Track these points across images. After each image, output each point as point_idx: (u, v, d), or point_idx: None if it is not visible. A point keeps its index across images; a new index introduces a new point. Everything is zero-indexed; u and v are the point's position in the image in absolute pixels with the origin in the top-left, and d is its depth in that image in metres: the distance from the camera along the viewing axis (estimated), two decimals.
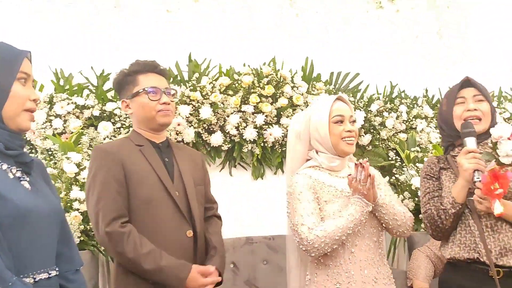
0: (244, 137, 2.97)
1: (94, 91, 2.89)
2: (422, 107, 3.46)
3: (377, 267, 1.70)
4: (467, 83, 1.77)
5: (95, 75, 2.93)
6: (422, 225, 2.67)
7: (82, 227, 2.32)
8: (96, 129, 2.79)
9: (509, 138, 1.52)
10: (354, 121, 1.83)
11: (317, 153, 1.82)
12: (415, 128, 3.38)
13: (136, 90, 1.73)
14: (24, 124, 1.23)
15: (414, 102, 3.48)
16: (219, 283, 1.73)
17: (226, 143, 2.97)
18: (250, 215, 3.08)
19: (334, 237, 1.61)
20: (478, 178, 1.57)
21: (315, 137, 1.80)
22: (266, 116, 3.00)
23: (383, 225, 1.74)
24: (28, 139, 2.65)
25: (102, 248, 2.39)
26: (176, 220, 1.67)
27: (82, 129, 2.73)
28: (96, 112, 2.79)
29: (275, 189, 3.12)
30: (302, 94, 3.08)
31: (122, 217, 1.59)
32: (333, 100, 1.81)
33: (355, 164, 1.67)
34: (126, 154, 1.67)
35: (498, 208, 1.50)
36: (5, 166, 1.19)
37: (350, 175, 1.68)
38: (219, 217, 1.92)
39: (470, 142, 1.63)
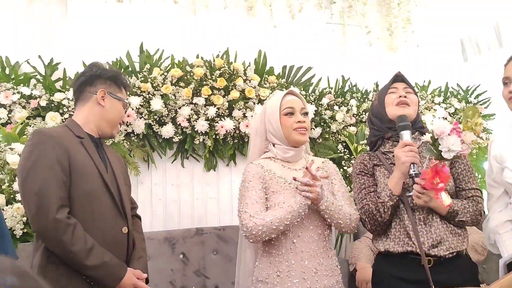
0: (196, 129, 2.99)
1: (41, 80, 2.83)
2: (372, 100, 3.56)
3: (320, 259, 1.75)
4: (399, 78, 1.86)
5: (43, 65, 2.87)
6: None
7: (25, 219, 2.29)
8: (43, 119, 2.74)
9: (449, 134, 1.58)
10: (306, 113, 1.89)
11: (273, 145, 1.89)
12: (365, 121, 3.48)
13: (121, 96, 1.81)
14: None
15: (365, 96, 3.58)
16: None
17: (178, 135, 2.98)
18: (201, 206, 3.12)
19: (271, 227, 1.67)
20: (414, 170, 1.63)
21: (270, 130, 1.88)
22: (218, 108, 3.03)
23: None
24: None
25: None
26: (114, 216, 1.68)
27: (28, 119, 2.68)
28: (44, 102, 2.74)
29: (227, 181, 3.17)
30: (255, 87, 3.11)
31: (66, 206, 1.55)
32: (283, 94, 1.89)
33: (306, 167, 1.71)
34: (69, 142, 1.63)
35: (446, 199, 1.57)
36: None
37: (307, 168, 1.72)
38: (138, 217, 1.96)
39: (406, 135, 1.70)
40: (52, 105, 2.77)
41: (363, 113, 3.49)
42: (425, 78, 3.82)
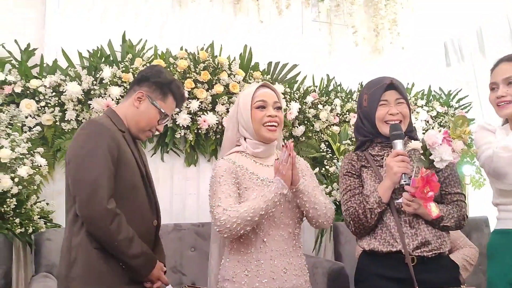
0: (177, 123, 2.92)
1: (17, 66, 2.71)
2: (356, 101, 3.55)
3: (289, 258, 1.71)
4: (391, 86, 1.79)
5: (19, 49, 2.75)
6: None
7: None
8: (17, 106, 2.63)
9: (441, 144, 1.59)
10: (280, 107, 1.82)
11: (244, 139, 1.81)
12: (348, 121, 3.47)
13: (160, 105, 1.77)
14: None
15: (349, 96, 3.57)
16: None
17: None
18: (180, 202, 3.05)
19: (246, 218, 1.59)
20: (405, 181, 1.63)
21: (241, 123, 1.80)
22: (201, 102, 2.96)
23: (304, 213, 1.75)
24: None
25: (18, 231, 2.27)
26: (148, 209, 1.75)
27: (1, 105, 2.57)
28: (18, 89, 2.63)
29: (208, 177, 3.07)
30: (239, 82, 3.06)
31: (113, 197, 1.61)
32: (257, 86, 1.81)
33: (282, 145, 1.68)
34: (117, 136, 1.69)
35: (434, 211, 1.59)
36: None
37: (277, 159, 1.68)
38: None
39: (399, 145, 1.68)
40: (28, 92, 2.66)
41: (347, 112, 3.47)
42: (409, 80, 3.84)
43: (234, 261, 1.71)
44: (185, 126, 2.94)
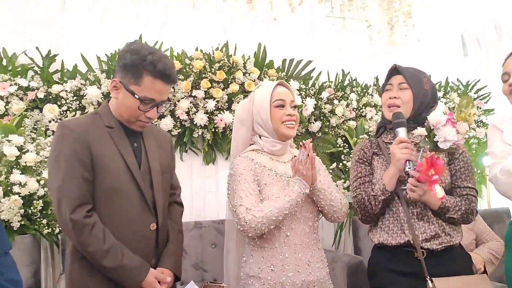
0: (195, 122, 2.97)
1: (39, 72, 2.80)
2: (372, 95, 3.55)
3: (311, 251, 1.75)
4: (395, 71, 1.80)
5: (40, 56, 2.84)
6: None
7: (22, 211, 2.27)
8: (41, 111, 2.72)
9: (444, 124, 1.56)
10: (295, 106, 1.86)
11: (260, 137, 1.84)
12: (365, 116, 3.47)
13: (133, 89, 1.52)
14: None
15: (365, 90, 3.56)
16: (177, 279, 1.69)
17: (177, 128, 2.96)
18: (200, 200, 3.11)
19: (271, 217, 1.63)
20: (410, 168, 1.62)
21: (258, 122, 1.82)
22: (217, 101, 3.01)
23: (320, 209, 1.79)
24: None
25: (45, 232, 2.36)
26: (141, 212, 1.57)
27: (25, 111, 2.66)
28: (41, 94, 2.72)
29: (226, 174, 3.14)
30: (254, 81, 3.09)
31: (86, 204, 1.48)
32: (274, 85, 1.84)
33: (300, 145, 1.70)
34: (94, 135, 1.53)
35: (439, 192, 1.54)
36: None
37: (295, 156, 1.71)
38: (180, 203, 1.84)
39: (402, 132, 1.67)
40: (50, 97, 2.75)
41: (363, 107, 3.47)
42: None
43: (258, 257, 1.73)
44: (203, 126, 2.99)
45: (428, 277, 1.61)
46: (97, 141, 1.52)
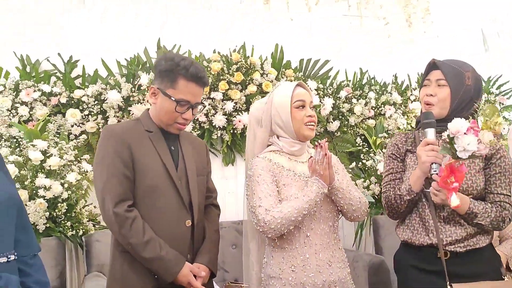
0: (213, 124, 3.00)
1: (61, 78, 2.87)
2: (391, 93, 3.52)
3: (332, 251, 1.75)
4: (434, 66, 1.73)
5: (62, 62, 2.91)
6: None
7: (47, 214, 2.33)
8: (64, 116, 2.78)
9: (465, 133, 1.50)
10: (314, 106, 1.86)
11: (278, 138, 1.85)
12: (384, 114, 3.44)
13: (170, 93, 1.66)
14: None
15: (384, 88, 3.53)
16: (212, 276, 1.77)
17: (196, 129, 2.99)
18: (220, 201, 3.11)
19: (290, 218, 1.64)
20: (435, 171, 1.58)
21: (277, 123, 1.81)
22: (236, 103, 3.03)
23: (339, 209, 1.79)
24: None
25: (69, 234, 2.41)
26: (177, 209, 1.68)
27: (49, 116, 2.72)
28: (64, 99, 2.78)
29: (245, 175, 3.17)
30: (272, 81, 3.10)
31: (128, 200, 1.61)
32: (294, 86, 1.84)
33: (315, 145, 1.71)
34: (134, 138, 1.67)
35: (454, 201, 1.51)
36: None
37: (311, 157, 1.72)
38: (216, 206, 1.93)
39: (430, 134, 1.63)
40: (72, 102, 2.81)
41: (382, 105, 3.45)
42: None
43: (278, 258, 1.73)
44: (221, 127, 3.01)
45: (448, 281, 1.57)
46: (138, 143, 1.66)
